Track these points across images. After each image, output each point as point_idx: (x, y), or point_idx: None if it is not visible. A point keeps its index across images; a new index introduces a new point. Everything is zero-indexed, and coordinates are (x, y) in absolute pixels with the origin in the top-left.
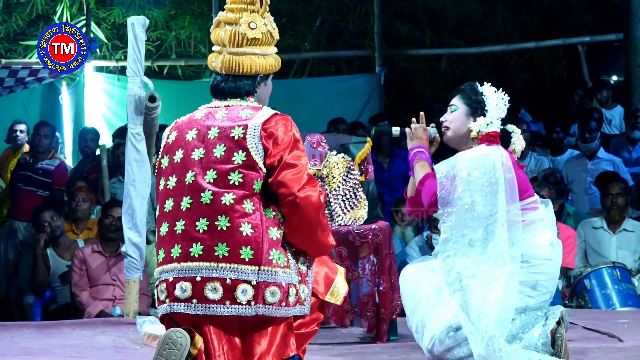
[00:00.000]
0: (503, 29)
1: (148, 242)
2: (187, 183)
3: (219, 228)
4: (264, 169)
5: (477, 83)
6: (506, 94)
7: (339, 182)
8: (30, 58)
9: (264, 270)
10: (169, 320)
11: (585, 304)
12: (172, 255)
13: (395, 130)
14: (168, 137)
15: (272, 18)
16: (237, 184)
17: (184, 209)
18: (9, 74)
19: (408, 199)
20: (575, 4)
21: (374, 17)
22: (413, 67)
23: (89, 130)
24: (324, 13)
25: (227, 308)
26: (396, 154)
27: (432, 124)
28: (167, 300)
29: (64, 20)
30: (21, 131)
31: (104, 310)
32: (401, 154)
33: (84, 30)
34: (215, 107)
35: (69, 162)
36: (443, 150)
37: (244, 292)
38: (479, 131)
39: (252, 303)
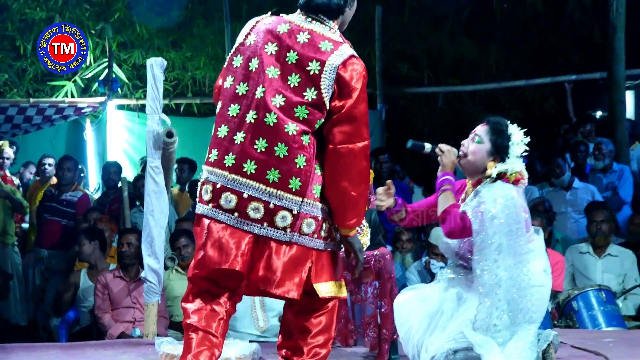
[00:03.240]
0: (496, 68)
1: (166, 267)
2: (256, 97)
3: (276, 154)
4: (328, 109)
5: (506, 122)
6: (527, 137)
7: None
8: (57, 97)
9: (306, 202)
10: (205, 219)
11: (573, 324)
12: (225, 162)
13: (428, 146)
14: (247, 37)
15: None
16: (301, 118)
17: (247, 122)
18: (37, 112)
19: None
20: (563, 45)
21: (375, 58)
22: (412, 104)
23: (112, 163)
24: None
25: (264, 229)
26: (394, 185)
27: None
28: (210, 204)
29: (89, 63)
30: (49, 164)
31: (124, 331)
32: (398, 185)
33: (106, 71)
34: (299, 25)
35: (94, 193)
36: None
37: (283, 219)
38: (496, 176)
39: (288, 230)
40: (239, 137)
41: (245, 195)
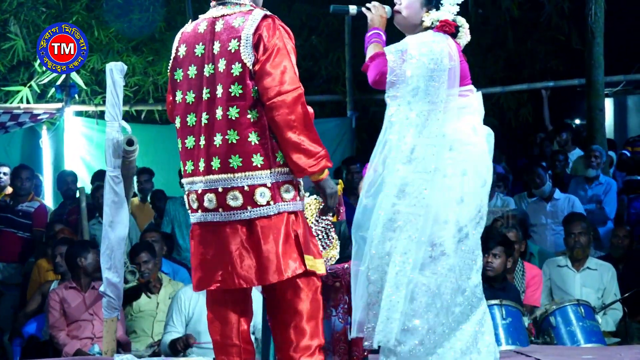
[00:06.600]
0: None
1: (126, 281)
2: (203, 99)
3: (229, 142)
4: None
5: None
6: None
7: (312, 222)
8: (11, 103)
9: (275, 171)
10: (200, 226)
11: (550, 341)
12: (199, 168)
13: (353, 8)
14: (178, 51)
15: None
16: (238, 95)
17: (203, 125)
18: None
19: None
20: (540, 50)
21: (345, 63)
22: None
23: (68, 173)
24: (297, 59)
25: (249, 212)
26: None
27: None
28: (199, 211)
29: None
30: (4, 174)
31: (81, 349)
32: None
33: (63, 76)
34: (213, 17)
35: (49, 204)
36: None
37: (262, 195)
38: (431, 24)
39: (272, 202)
40: (202, 140)
41: (220, 190)
